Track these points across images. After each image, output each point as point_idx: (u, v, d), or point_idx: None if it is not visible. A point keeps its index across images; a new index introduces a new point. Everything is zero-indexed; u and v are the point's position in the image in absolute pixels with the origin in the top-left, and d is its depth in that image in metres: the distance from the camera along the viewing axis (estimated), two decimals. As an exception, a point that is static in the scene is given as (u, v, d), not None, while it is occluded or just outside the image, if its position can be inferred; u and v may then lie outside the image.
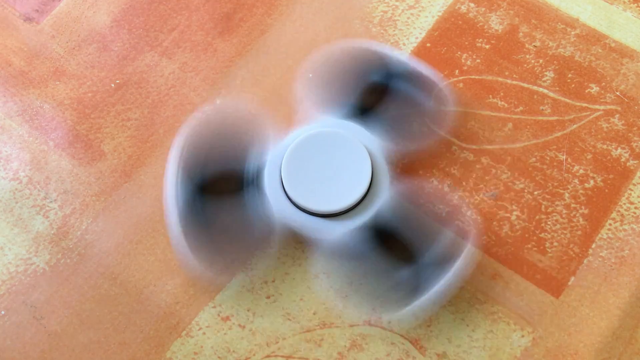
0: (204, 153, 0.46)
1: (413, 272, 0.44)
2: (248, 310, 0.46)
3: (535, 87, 0.52)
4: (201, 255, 0.45)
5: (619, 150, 0.50)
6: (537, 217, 0.48)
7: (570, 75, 0.52)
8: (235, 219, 0.45)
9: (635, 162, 0.50)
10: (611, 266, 0.47)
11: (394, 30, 0.54)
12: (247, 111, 0.50)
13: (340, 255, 0.45)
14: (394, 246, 0.44)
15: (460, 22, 0.54)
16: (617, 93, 0.52)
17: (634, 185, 0.49)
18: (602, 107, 0.51)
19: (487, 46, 0.53)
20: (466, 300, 0.46)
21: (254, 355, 0.45)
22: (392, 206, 0.45)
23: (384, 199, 0.45)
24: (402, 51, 0.53)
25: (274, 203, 0.45)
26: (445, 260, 0.44)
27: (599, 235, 0.48)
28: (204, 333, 0.46)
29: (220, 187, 0.45)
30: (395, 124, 0.48)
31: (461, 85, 0.52)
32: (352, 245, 0.44)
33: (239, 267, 0.47)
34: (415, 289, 0.43)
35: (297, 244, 0.47)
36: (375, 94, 0.48)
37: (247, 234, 0.45)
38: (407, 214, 0.45)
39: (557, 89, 0.52)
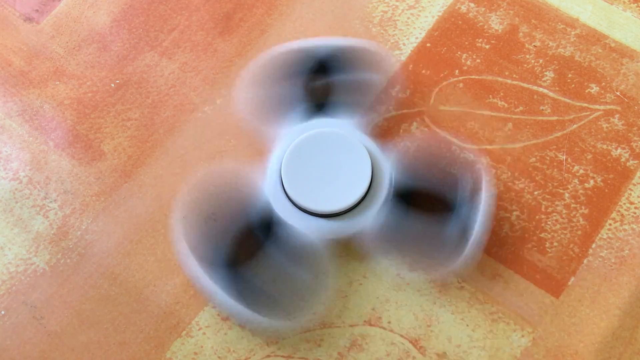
0: (207, 232, 0.45)
1: (455, 219, 0.44)
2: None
3: (535, 87, 0.52)
4: (276, 316, 0.44)
5: (619, 150, 0.50)
6: (537, 217, 0.48)
7: (570, 75, 0.52)
8: (275, 271, 0.44)
9: (635, 162, 0.50)
10: (611, 266, 0.47)
11: (394, 30, 0.54)
12: (221, 171, 0.49)
13: (379, 237, 0.45)
14: (424, 203, 0.44)
15: (460, 22, 0.54)
16: (617, 93, 0.52)
17: (634, 185, 0.49)
18: (602, 107, 0.51)
19: (487, 46, 0.53)
20: (466, 300, 0.46)
21: (254, 355, 0.45)
22: (402, 169, 0.45)
23: (392, 169, 0.45)
24: (319, 39, 0.52)
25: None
26: (474, 196, 0.44)
27: (599, 235, 0.48)
28: (204, 333, 0.46)
29: (243, 252, 0.44)
30: (352, 104, 0.48)
31: (461, 85, 0.52)
32: (384, 222, 0.44)
33: (305, 310, 0.46)
34: (463, 232, 0.44)
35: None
36: (321, 86, 0.48)
37: (293, 278, 0.44)
38: (419, 170, 0.46)
39: (557, 89, 0.52)
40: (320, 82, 0.48)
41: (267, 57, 0.50)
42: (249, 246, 0.44)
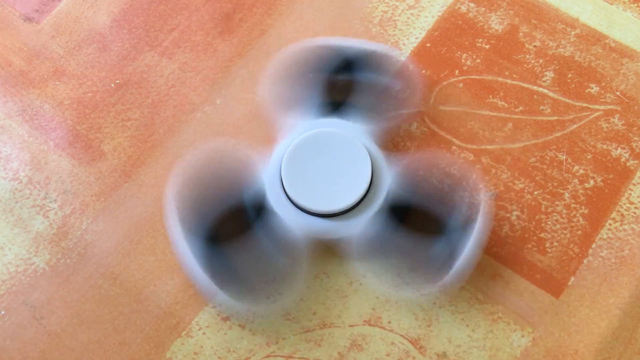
0: (198, 203, 0.45)
1: (444, 241, 0.43)
2: (248, 310, 0.46)
3: (535, 87, 0.52)
4: (242, 299, 0.45)
5: (619, 150, 0.50)
6: (537, 217, 0.48)
7: (570, 75, 0.52)
8: (256, 255, 0.44)
9: (635, 162, 0.50)
10: (611, 266, 0.47)
11: (394, 30, 0.54)
12: (227, 147, 0.50)
13: (366, 248, 0.45)
14: (417, 220, 0.44)
15: (460, 22, 0.54)
16: (617, 93, 0.52)
17: (634, 185, 0.49)
18: (602, 107, 0.51)
19: (487, 46, 0.53)
20: (466, 300, 0.46)
21: (254, 355, 0.45)
22: (402, 183, 0.45)
23: (391, 181, 0.45)
24: (354, 39, 0.52)
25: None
26: (469, 221, 0.43)
27: (599, 235, 0.48)
28: (204, 333, 0.46)
29: (229, 229, 0.44)
30: (369, 109, 0.47)
31: (461, 85, 0.52)
32: (373, 234, 0.44)
33: (277, 294, 0.46)
34: (450, 256, 0.43)
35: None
36: (342, 86, 0.48)
37: (273, 263, 0.44)
38: (419, 187, 0.45)
39: (557, 89, 0.52)
40: (342, 81, 0.48)
41: (295, 50, 0.50)
42: (234, 226, 0.44)
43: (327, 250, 0.47)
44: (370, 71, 0.49)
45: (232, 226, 0.44)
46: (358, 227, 0.44)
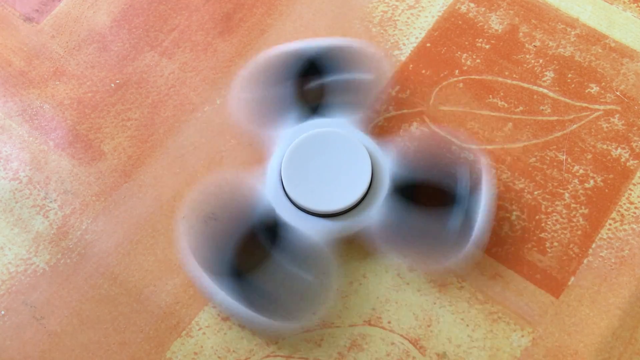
0: (212, 240, 0.45)
1: (457, 212, 0.44)
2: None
3: (535, 87, 0.52)
4: (284, 319, 0.44)
5: (619, 150, 0.50)
6: (537, 217, 0.48)
7: (570, 75, 0.52)
8: (281, 277, 0.44)
9: (635, 162, 0.50)
10: (611, 266, 0.47)
11: (394, 30, 0.54)
12: (224, 178, 0.49)
13: (382, 234, 0.45)
14: (425, 196, 0.45)
15: (460, 22, 0.54)
16: (617, 93, 0.52)
17: (634, 185, 0.49)
18: (602, 107, 0.51)
19: (487, 46, 0.53)
20: (466, 300, 0.46)
21: (254, 355, 0.45)
22: (401, 163, 0.45)
23: (392, 164, 0.45)
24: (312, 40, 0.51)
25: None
26: (474, 190, 0.44)
27: (599, 235, 0.48)
28: (204, 333, 0.46)
29: (249, 260, 0.44)
30: (346, 103, 0.47)
31: (461, 85, 0.52)
32: (386, 218, 0.44)
33: (310, 310, 0.46)
34: (465, 226, 0.44)
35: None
36: (313, 88, 0.48)
37: (299, 281, 0.44)
38: (418, 163, 0.46)
39: (557, 89, 0.52)
40: (313, 84, 0.48)
41: (258, 62, 0.50)
42: (254, 253, 0.44)
43: (335, 250, 0.47)
44: (337, 68, 0.48)
45: (252, 255, 0.44)
46: (369, 219, 0.44)
